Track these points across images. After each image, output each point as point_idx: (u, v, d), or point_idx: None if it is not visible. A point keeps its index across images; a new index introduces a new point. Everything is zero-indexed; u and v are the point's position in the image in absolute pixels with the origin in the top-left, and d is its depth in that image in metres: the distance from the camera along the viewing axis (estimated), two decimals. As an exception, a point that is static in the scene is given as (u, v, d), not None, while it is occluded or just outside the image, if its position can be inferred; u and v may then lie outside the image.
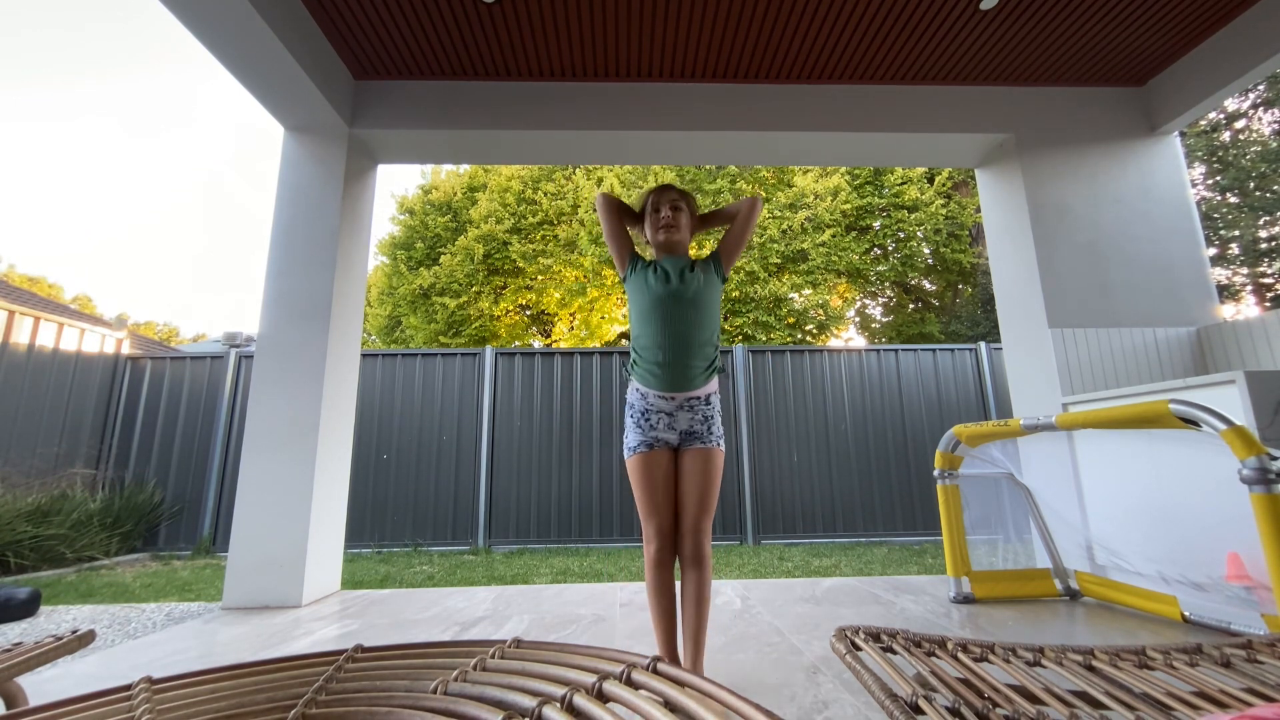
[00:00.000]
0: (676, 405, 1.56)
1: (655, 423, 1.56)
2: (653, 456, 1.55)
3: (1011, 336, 3.31)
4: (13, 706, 0.86)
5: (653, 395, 1.57)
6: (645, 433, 1.56)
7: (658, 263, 1.66)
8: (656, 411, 1.57)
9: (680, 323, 1.57)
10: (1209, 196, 9.52)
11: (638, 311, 1.62)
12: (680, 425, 1.56)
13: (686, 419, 1.57)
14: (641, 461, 1.55)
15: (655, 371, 1.56)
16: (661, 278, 1.61)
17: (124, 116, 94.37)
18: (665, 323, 1.57)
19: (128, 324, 9.12)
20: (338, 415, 3.00)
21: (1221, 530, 1.99)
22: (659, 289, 1.59)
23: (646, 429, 1.56)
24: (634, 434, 1.58)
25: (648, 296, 1.60)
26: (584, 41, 3.04)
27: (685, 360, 1.56)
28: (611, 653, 0.58)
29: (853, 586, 2.84)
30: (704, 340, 1.59)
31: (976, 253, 10.69)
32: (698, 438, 1.57)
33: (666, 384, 1.56)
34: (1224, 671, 0.73)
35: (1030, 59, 3.21)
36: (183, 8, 2.33)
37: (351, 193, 3.18)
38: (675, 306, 1.57)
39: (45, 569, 4.32)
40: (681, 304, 1.58)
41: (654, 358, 1.56)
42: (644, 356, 1.59)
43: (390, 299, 11.02)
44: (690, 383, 1.56)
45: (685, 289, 1.59)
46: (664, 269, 1.62)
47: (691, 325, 1.57)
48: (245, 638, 2.19)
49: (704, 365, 1.58)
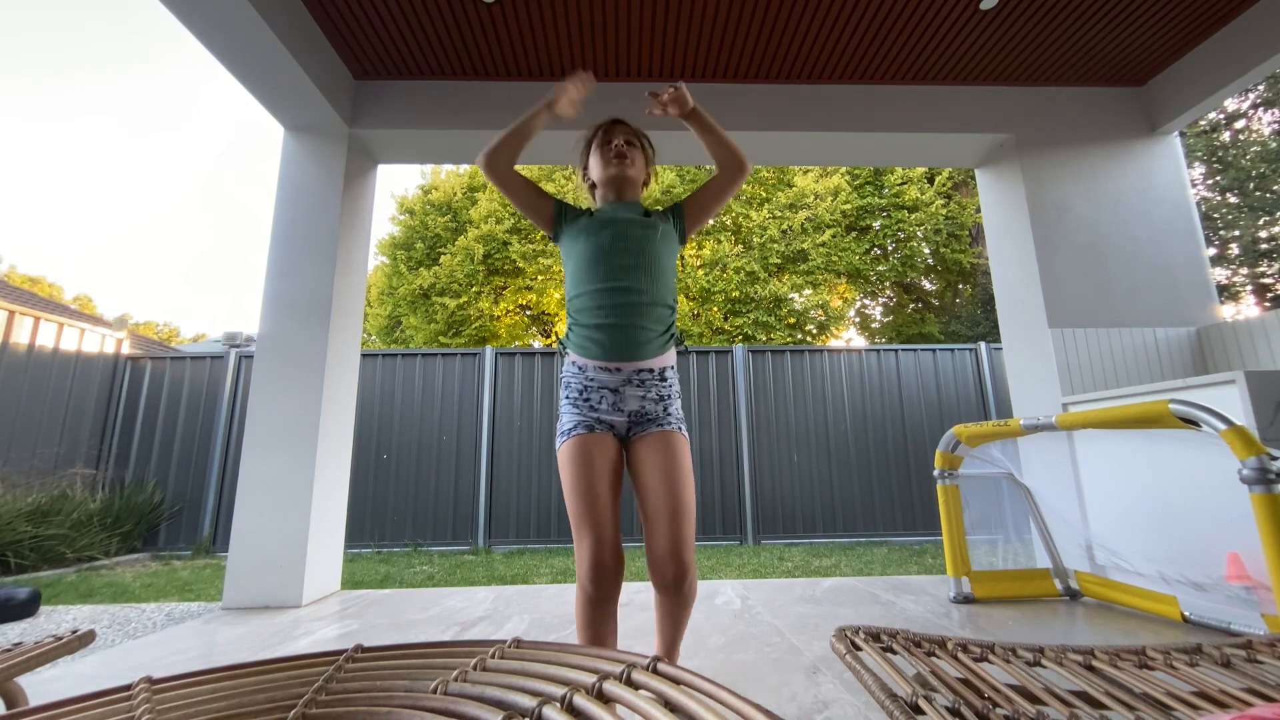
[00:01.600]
0: (623, 379, 1.23)
1: (596, 401, 1.23)
2: (591, 439, 1.19)
3: (1011, 336, 3.31)
4: (13, 706, 0.86)
5: (593, 367, 1.24)
6: (584, 413, 1.22)
7: (599, 209, 1.38)
8: (598, 388, 1.23)
9: (629, 274, 1.25)
10: (1209, 196, 9.52)
11: (574, 265, 1.31)
12: (628, 405, 1.23)
13: (636, 397, 1.23)
14: (577, 445, 1.19)
15: (595, 337, 1.24)
16: (604, 221, 1.31)
17: (124, 116, 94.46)
18: (609, 274, 1.25)
19: (128, 324, 9.12)
20: (338, 415, 3.00)
21: (1221, 530, 1.99)
22: (601, 235, 1.28)
23: (585, 409, 1.23)
24: (568, 416, 1.24)
25: (588, 244, 1.29)
26: (584, 41, 3.04)
27: (634, 321, 1.24)
28: (611, 653, 0.58)
29: (853, 586, 2.84)
30: (657, 298, 1.27)
31: (976, 253, 10.69)
32: (652, 420, 1.23)
33: (610, 351, 1.22)
34: (1224, 671, 0.73)
35: (1030, 59, 3.21)
36: (183, 8, 2.33)
37: (351, 193, 3.18)
38: (622, 255, 1.26)
39: (45, 569, 4.32)
40: (630, 252, 1.26)
41: (594, 319, 1.24)
42: (581, 320, 1.27)
43: (390, 299, 11.02)
44: (640, 349, 1.23)
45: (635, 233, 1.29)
46: (607, 212, 1.34)
47: (642, 277, 1.26)
48: (245, 638, 2.19)
49: (659, 330, 1.26)
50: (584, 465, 1.17)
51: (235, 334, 6.49)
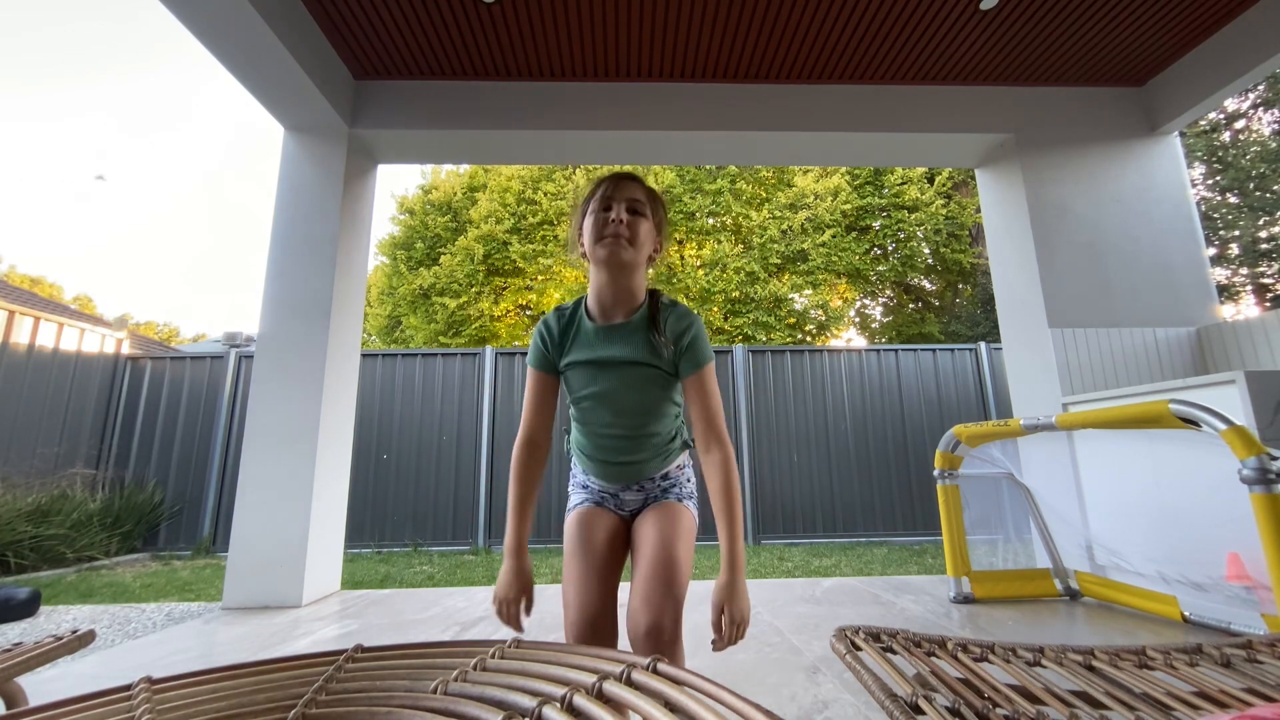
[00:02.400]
0: (623, 487, 1.21)
1: (597, 490, 1.22)
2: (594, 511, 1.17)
3: (1011, 336, 3.31)
4: (13, 706, 0.86)
5: (596, 483, 1.22)
6: (591, 494, 1.22)
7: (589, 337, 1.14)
8: (598, 490, 1.22)
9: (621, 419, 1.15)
10: (1209, 196, 9.52)
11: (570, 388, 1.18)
12: (631, 506, 1.20)
13: (639, 499, 1.20)
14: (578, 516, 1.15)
15: (592, 466, 1.20)
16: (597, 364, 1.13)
17: (124, 116, 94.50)
18: (602, 421, 1.15)
19: (128, 324, 9.12)
20: (338, 415, 3.00)
21: (1221, 530, 1.99)
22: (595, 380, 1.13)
23: (591, 493, 1.22)
24: (575, 495, 1.24)
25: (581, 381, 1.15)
26: (584, 41, 3.04)
27: (628, 459, 1.17)
28: (611, 653, 0.58)
29: (853, 586, 2.84)
30: (653, 432, 1.17)
31: (976, 253, 10.69)
32: (655, 500, 1.19)
33: (608, 480, 1.20)
34: (1224, 671, 0.73)
35: (1030, 59, 3.21)
36: (183, 8, 2.33)
37: (351, 193, 3.18)
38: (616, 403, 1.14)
39: (45, 569, 4.32)
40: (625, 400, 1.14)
41: (590, 451, 1.19)
42: (580, 439, 1.21)
43: (390, 299, 11.02)
44: (636, 475, 1.19)
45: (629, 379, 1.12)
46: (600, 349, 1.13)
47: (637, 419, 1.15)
48: (245, 638, 2.19)
49: (656, 454, 1.19)
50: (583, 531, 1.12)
51: (235, 334, 6.49)
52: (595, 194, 1.15)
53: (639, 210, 1.13)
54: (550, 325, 1.17)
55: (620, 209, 1.11)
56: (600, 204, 1.13)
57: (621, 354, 1.11)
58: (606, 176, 1.18)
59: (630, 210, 1.12)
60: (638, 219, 1.12)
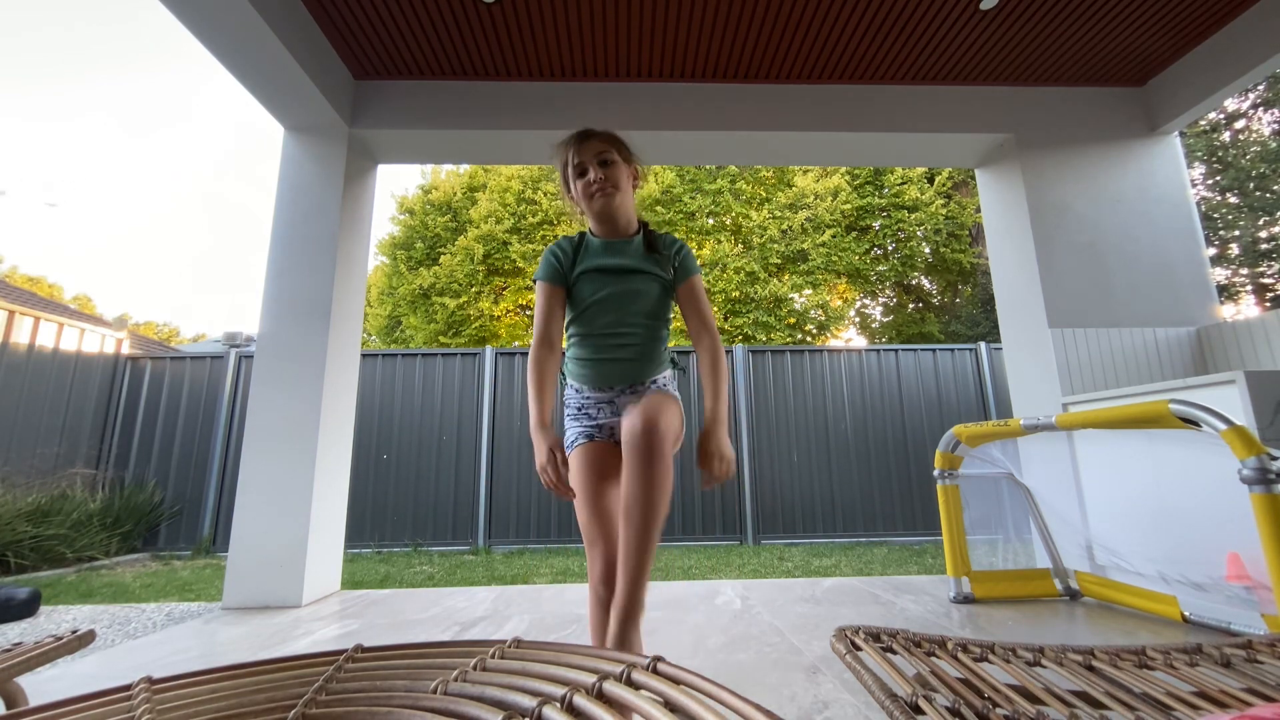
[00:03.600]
0: (616, 393, 1.33)
1: (594, 413, 1.33)
2: (593, 447, 1.27)
3: (1011, 336, 3.31)
4: (13, 706, 0.86)
5: (589, 389, 1.35)
6: (583, 424, 1.32)
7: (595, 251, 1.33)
8: (595, 404, 1.34)
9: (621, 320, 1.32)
10: (1209, 196, 9.52)
11: (572, 306, 1.35)
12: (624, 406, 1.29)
13: (631, 400, 1.28)
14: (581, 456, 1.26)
15: (590, 372, 1.34)
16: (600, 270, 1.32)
17: (124, 116, 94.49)
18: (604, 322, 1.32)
19: (128, 324, 9.12)
20: (338, 415, 3.00)
21: (1221, 530, 1.99)
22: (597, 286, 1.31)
23: (584, 420, 1.33)
24: (571, 430, 1.34)
25: (585, 291, 1.32)
26: (584, 41, 3.04)
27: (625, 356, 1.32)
28: (611, 653, 0.58)
29: (853, 586, 2.84)
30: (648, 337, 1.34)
31: (976, 253, 10.69)
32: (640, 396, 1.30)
33: (604, 380, 1.33)
34: (1224, 671, 0.73)
35: (1030, 59, 3.21)
36: (183, 8, 2.33)
37: (351, 193, 3.18)
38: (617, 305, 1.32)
39: (45, 569, 4.32)
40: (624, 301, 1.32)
41: (589, 354, 1.34)
42: (578, 354, 1.37)
43: (390, 299, 11.02)
44: (630, 377, 1.33)
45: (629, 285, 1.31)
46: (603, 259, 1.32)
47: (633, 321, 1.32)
48: (245, 638, 2.19)
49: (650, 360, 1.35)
50: (590, 474, 1.23)
51: (235, 334, 6.49)
52: (567, 160, 1.34)
53: (608, 159, 1.32)
54: (563, 245, 1.36)
55: (594, 169, 1.30)
56: (575, 170, 1.32)
57: (627, 263, 1.32)
58: (569, 139, 1.35)
59: (601, 163, 1.31)
60: (610, 166, 1.31)
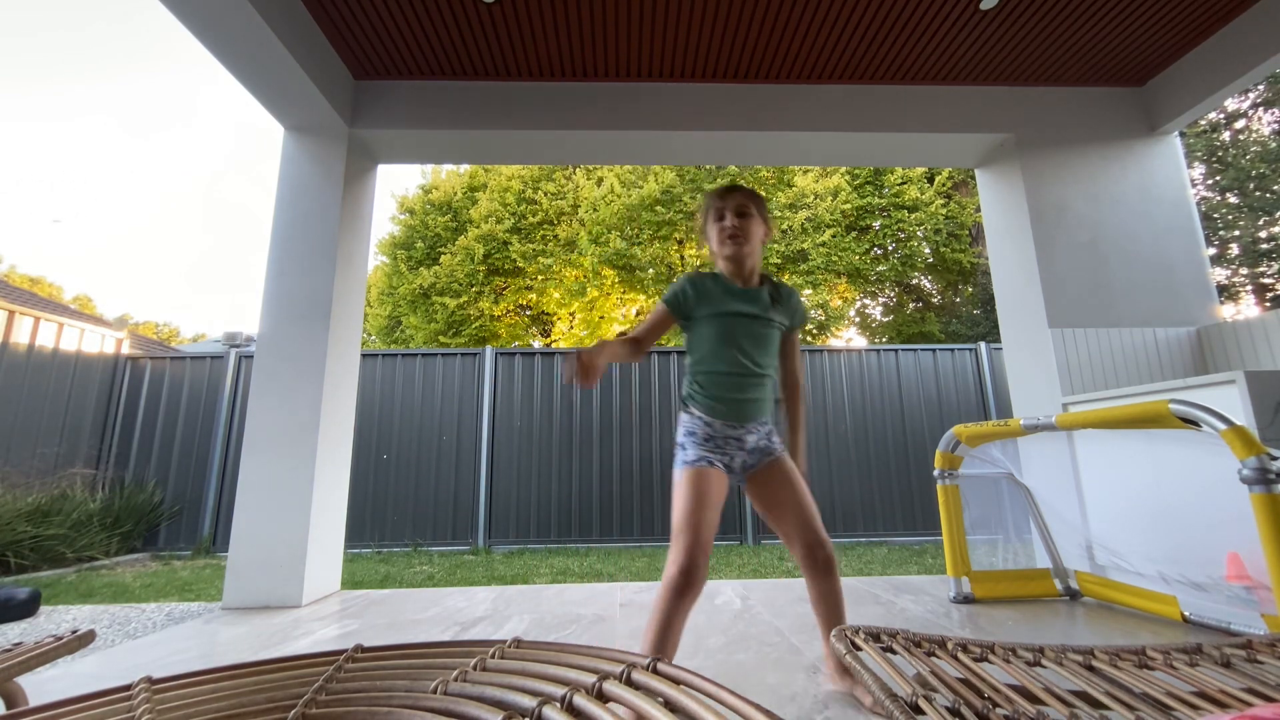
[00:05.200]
0: (745, 430, 1.47)
1: (721, 444, 1.45)
2: (711, 472, 1.41)
3: (1011, 336, 3.31)
4: (13, 706, 0.86)
5: (719, 424, 1.46)
6: (708, 450, 1.44)
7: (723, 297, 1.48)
8: (724, 437, 1.45)
9: (748, 360, 1.46)
10: (1209, 196, 9.52)
11: (701, 343, 1.50)
12: (749, 444, 1.47)
13: (754, 438, 1.47)
14: (699, 473, 1.39)
15: (721, 407, 1.46)
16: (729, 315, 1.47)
17: (124, 116, 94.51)
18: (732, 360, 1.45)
19: (128, 324, 9.11)
20: (338, 415, 2.99)
21: (1221, 530, 1.99)
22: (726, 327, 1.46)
23: (709, 448, 1.44)
24: (694, 450, 1.45)
25: (714, 330, 1.47)
26: (584, 41, 3.04)
27: (751, 395, 1.46)
28: (611, 653, 0.58)
29: (853, 586, 2.84)
30: (767, 375, 1.51)
31: (976, 253, 10.69)
32: (767, 453, 1.48)
33: (734, 416, 1.46)
34: (1224, 671, 0.73)
35: (1030, 59, 3.21)
36: (183, 8, 2.33)
37: (351, 193, 3.17)
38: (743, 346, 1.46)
39: (45, 569, 4.32)
40: (749, 343, 1.46)
41: (720, 392, 1.46)
42: (708, 389, 1.48)
43: (390, 299, 11.02)
44: (757, 414, 1.48)
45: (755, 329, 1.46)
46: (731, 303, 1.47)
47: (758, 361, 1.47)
48: (245, 638, 2.19)
49: (769, 396, 1.52)
50: (704, 490, 1.36)
51: (235, 334, 6.49)
52: (710, 208, 1.54)
53: (746, 212, 1.49)
54: (697, 282, 1.50)
55: (731, 217, 1.48)
56: (715, 215, 1.51)
57: (752, 309, 1.47)
58: (715, 190, 1.55)
59: (739, 214, 1.49)
60: (746, 220, 1.49)
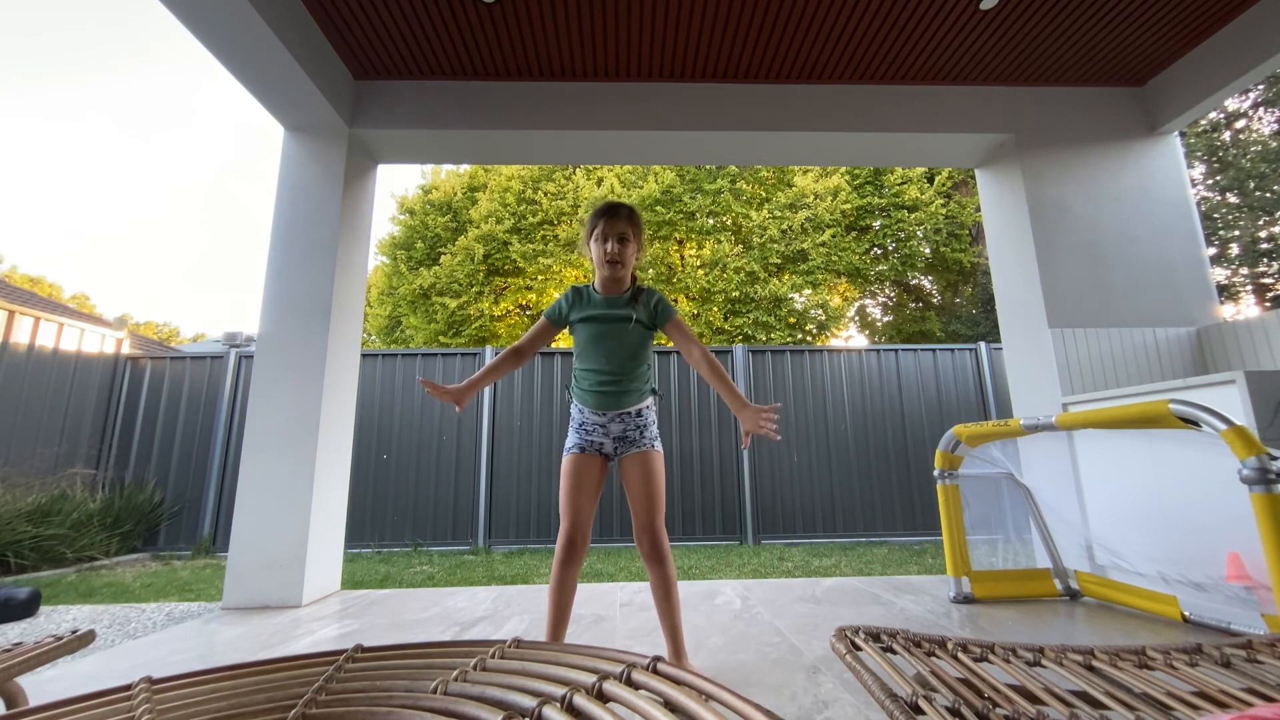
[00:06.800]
0: (610, 419, 1.69)
1: (590, 431, 1.70)
2: (583, 457, 1.68)
3: (1011, 336, 3.31)
4: (13, 706, 0.86)
5: (589, 412, 1.71)
6: (581, 438, 1.70)
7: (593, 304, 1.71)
8: (593, 424, 1.70)
9: (613, 358, 1.69)
10: (1209, 196, 9.52)
11: (577, 344, 1.76)
12: (613, 432, 1.69)
13: (619, 428, 1.69)
14: (572, 460, 1.68)
15: (589, 398, 1.69)
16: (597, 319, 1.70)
17: (124, 116, 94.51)
18: (598, 358, 1.69)
19: (128, 324, 9.12)
20: (338, 415, 2.99)
21: (1221, 530, 1.99)
22: (594, 331, 1.70)
23: (582, 435, 1.71)
24: (571, 438, 1.73)
25: (585, 334, 1.72)
26: (584, 41, 3.04)
27: (616, 388, 1.69)
28: (611, 653, 0.58)
29: (853, 586, 2.84)
30: (632, 372, 1.71)
31: (976, 252, 10.69)
32: (633, 444, 1.69)
33: (600, 407, 1.69)
34: (1224, 671, 0.73)
35: (1030, 59, 3.21)
36: (182, 8, 2.33)
37: (351, 193, 3.17)
38: (608, 347, 1.69)
39: (45, 569, 4.32)
40: (614, 344, 1.69)
41: (589, 386, 1.70)
42: (581, 384, 1.73)
43: (390, 299, 11.02)
44: (620, 404, 1.69)
45: (619, 331, 1.69)
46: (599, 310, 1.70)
47: (622, 360, 1.69)
48: (245, 638, 2.19)
49: (635, 391, 1.71)
50: (575, 474, 1.67)
51: (235, 334, 6.48)
52: (596, 228, 1.71)
53: (625, 238, 1.69)
54: (570, 295, 1.77)
55: (613, 242, 1.68)
56: (600, 237, 1.69)
57: (617, 313, 1.70)
58: (599, 211, 1.72)
59: (619, 240, 1.68)
60: (624, 245, 1.69)
